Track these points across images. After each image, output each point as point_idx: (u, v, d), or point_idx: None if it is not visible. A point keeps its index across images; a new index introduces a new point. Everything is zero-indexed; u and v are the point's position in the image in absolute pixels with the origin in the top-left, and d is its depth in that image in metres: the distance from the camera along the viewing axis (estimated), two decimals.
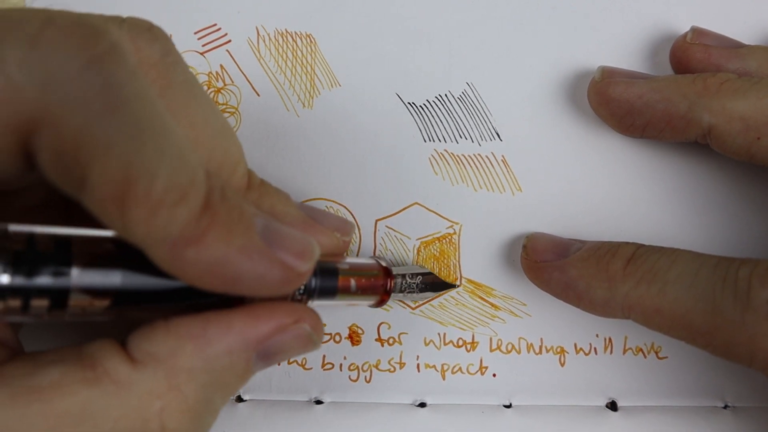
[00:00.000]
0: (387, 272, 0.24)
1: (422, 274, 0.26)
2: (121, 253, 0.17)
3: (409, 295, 0.25)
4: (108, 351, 0.17)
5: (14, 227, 0.16)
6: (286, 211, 0.22)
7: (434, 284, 0.26)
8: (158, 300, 0.18)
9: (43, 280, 0.16)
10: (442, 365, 0.27)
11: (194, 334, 0.18)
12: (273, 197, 0.22)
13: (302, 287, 0.21)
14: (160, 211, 0.15)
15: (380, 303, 0.24)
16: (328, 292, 0.22)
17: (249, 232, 0.17)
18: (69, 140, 0.15)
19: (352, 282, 0.23)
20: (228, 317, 0.18)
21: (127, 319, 0.18)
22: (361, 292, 0.23)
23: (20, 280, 0.16)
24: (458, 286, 0.27)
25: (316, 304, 0.22)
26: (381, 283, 0.24)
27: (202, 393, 0.18)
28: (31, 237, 0.16)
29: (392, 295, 0.24)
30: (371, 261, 0.24)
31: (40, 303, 0.16)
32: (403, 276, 0.25)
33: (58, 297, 0.16)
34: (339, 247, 0.23)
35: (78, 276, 0.16)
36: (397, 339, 0.27)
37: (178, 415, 0.18)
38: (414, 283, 0.25)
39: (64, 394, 0.16)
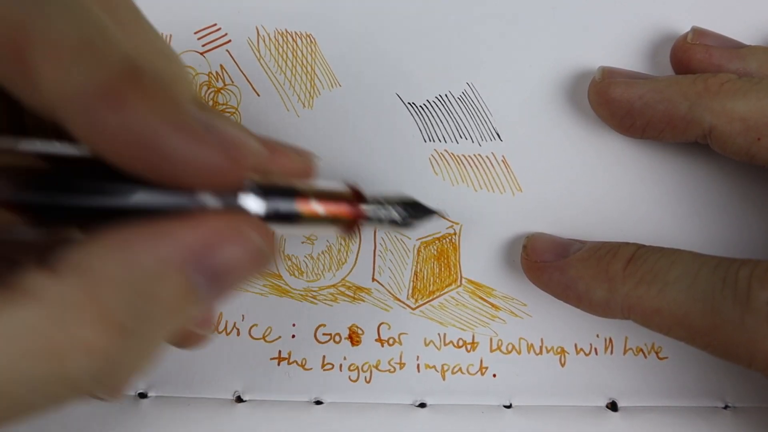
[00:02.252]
0: (357, 194, 0.21)
1: (403, 201, 0.22)
2: (51, 168, 0.16)
3: (386, 223, 0.22)
4: (24, 265, 0.15)
5: None
6: (236, 128, 0.19)
7: (415, 208, 0.23)
8: (87, 216, 0.16)
9: None
10: (443, 365, 0.27)
11: (117, 240, 0.16)
12: (220, 116, 0.20)
13: (253, 203, 0.18)
14: (70, 61, 0.14)
15: (350, 228, 0.21)
16: (286, 215, 0.19)
17: (180, 107, 0.15)
18: None
19: (314, 204, 0.19)
20: (160, 223, 0.16)
21: (57, 238, 0.17)
22: (326, 215, 0.20)
23: None
24: (437, 213, 0.23)
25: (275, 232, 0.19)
26: (350, 204, 0.20)
27: (130, 307, 0.16)
28: None
29: (365, 220, 0.21)
30: (338, 184, 0.21)
31: None
32: (378, 199, 0.22)
33: None
34: (301, 169, 0.21)
35: (7, 189, 0.15)
36: (397, 339, 0.27)
37: (102, 327, 0.15)
38: (392, 206, 0.22)
39: None
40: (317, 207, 0.20)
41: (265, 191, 0.18)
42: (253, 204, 0.18)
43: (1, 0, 0.14)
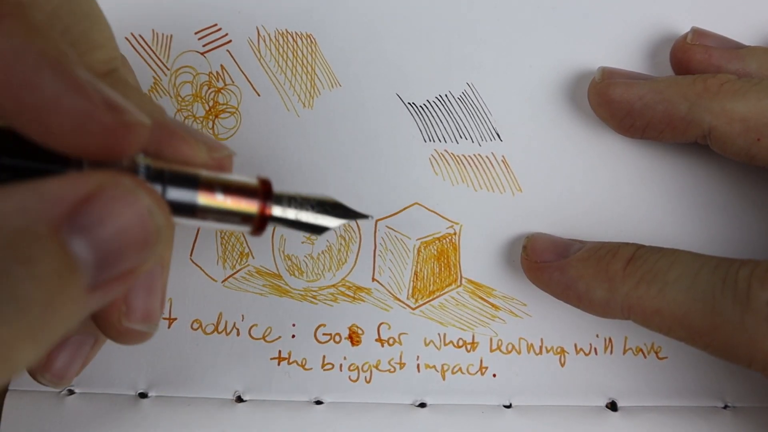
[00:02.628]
0: (266, 187, 0.19)
1: (319, 200, 0.20)
2: None
3: (299, 224, 0.19)
4: None
5: None
6: (147, 108, 0.18)
7: (335, 209, 0.20)
8: None
9: None
10: (443, 365, 0.27)
11: None
12: (135, 93, 0.18)
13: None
14: None
15: (259, 227, 0.19)
16: (187, 207, 0.17)
17: (67, 58, 0.14)
18: None
19: (218, 195, 0.17)
20: (33, 180, 0.14)
21: None
22: (231, 208, 0.18)
23: None
24: (368, 217, 0.22)
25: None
26: (258, 200, 0.18)
27: None
28: None
29: (275, 217, 0.19)
30: (247, 177, 0.19)
31: None
32: (292, 197, 0.19)
33: None
34: (206, 161, 0.19)
35: None
36: (397, 339, 0.27)
37: None
38: (308, 205, 0.19)
39: None
40: (221, 199, 0.17)
41: (160, 175, 0.16)
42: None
43: None
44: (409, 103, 0.28)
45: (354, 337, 0.27)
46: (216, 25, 0.28)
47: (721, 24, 0.27)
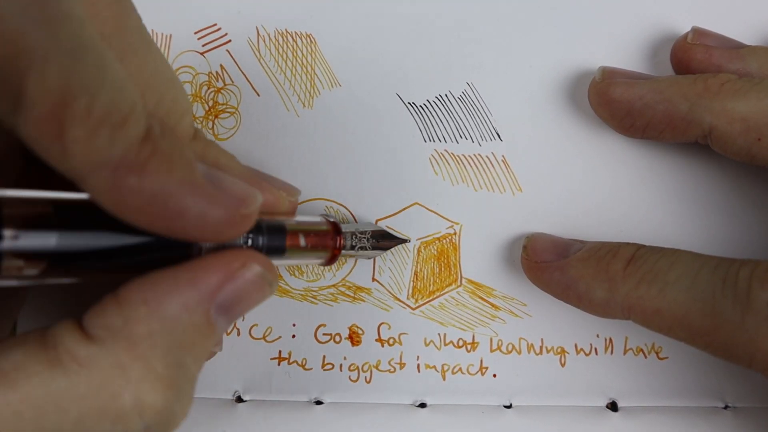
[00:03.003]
0: (336, 228, 0.24)
1: (372, 231, 0.26)
2: (57, 214, 0.17)
3: (361, 251, 0.25)
4: (66, 330, 0.17)
5: None
6: (231, 166, 0.21)
7: (384, 238, 0.26)
8: (97, 261, 0.17)
9: None
10: (443, 366, 0.27)
11: (144, 298, 0.17)
12: (218, 152, 0.21)
13: (250, 241, 0.21)
14: (101, 131, 0.15)
15: (331, 260, 0.24)
16: (277, 249, 0.22)
17: (191, 168, 0.17)
18: (6, 46, 0.15)
19: (301, 238, 0.22)
20: (175, 273, 0.18)
21: (74, 285, 0.18)
22: (311, 248, 0.23)
23: None
24: (408, 240, 0.27)
25: None
26: (330, 239, 0.24)
27: (169, 357, 0.17)
28: None
29: (343, 251, 0.24)
30: (319, 218, 0.24)
31: None
32: (353, 233, 0.25)
33: None
34: (285, 206, 0.23)
35: (10, 238, 0.16)
36: (397, 339, 0.27)
37: (149, 385, 0.17)
38: (364, 238, 0.25)
39: (28, 375, 0.16)
40: (303, 242, 0.22)
41: (259, 227, 0.21)
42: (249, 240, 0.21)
43: (47, 71, 0.15)
44: (409, 103, 0.28)
45: (354, 337, 0.27)
46: (215, 25, 0.28)
47: (721, 24, 0.27)
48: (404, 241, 0.27)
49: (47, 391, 0.16)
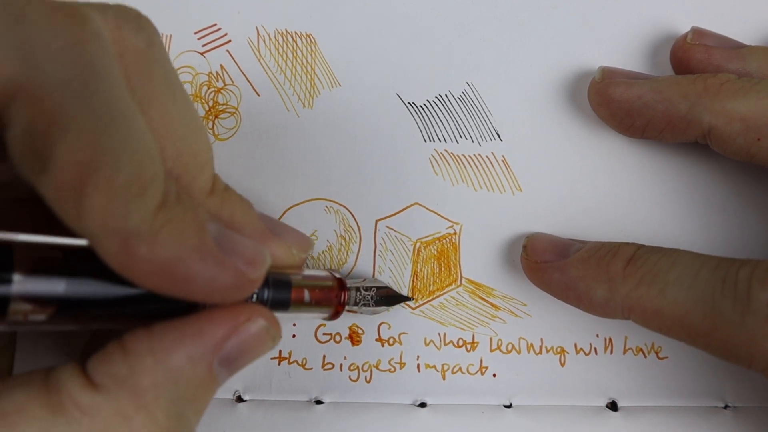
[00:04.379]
0: (341, 284, 0.24)
1: (377, 287, 0.26)
2: (67, 261, 0.17)
3: (364, 308, 0.25)
4: (70, 375, 0.17)
5: None
6: (245, 221, 0.21)
7: (388, 297, 0.26)
8: (106, 309, 0.18)
9: None
10: (443, 365, 0.27)
11: (151, 348, 0.17)
12: (235, 204, 0.21)
13: (255, 296, 0.21)
14: (119, 201, 0.15)
15: (335, 315, 0.24)
16: (282, 303, 0.22)
17: (202, 234, 0.17)
18: (42, 114, 0.15)
19: (306, 294, 0.22)
20: (181, 325, 0.18)
21: (77, 330, 0.18)
22: (315, 303, 0.23)
23: None
24: (412, 299, 0.27)
25: None
26: (335, 295, 0.24)
27: (171, 409, 0.17)
28: None
29: (346, 307, 0.24)
30: (325, 273, 0.24)
31: None
32: (357, 288, 0.25)
33: None
34: (294, 261, 0.23)
35: (19, 283, 0.16)
36: (397, 339, 0.27)
37: None
38: (369, 295, 0.25)
39: (28, 419, 0.16)
40: (308, 297, 0.23)
41: (264, 281, 0.20)
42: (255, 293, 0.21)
43: (77, 142, 0.15)
44: (409, 103, 0.28)
45: (354, 337, 0.27)
46: (215, 24, 0.28)
47: (721, 24, 0.27)
48: (407, 299, 0.27)
49: None
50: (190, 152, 0.20)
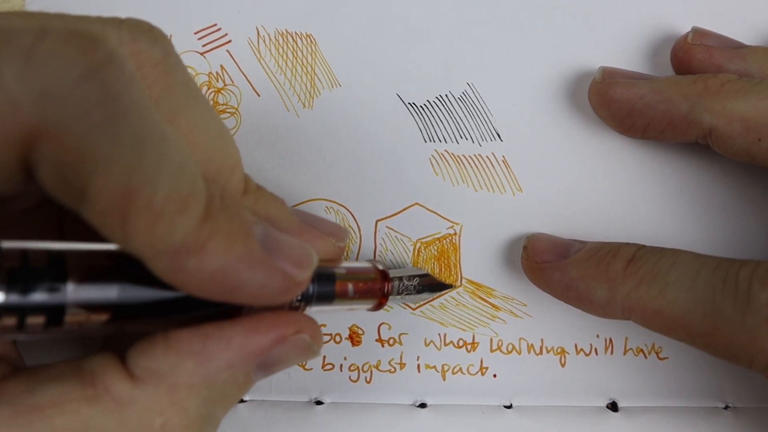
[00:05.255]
0: (384, 275, 0.24)
1: (419, 276, 0.25)
2: (118, 267, 0.17)
3: (407, 297, 0.25)
4: (108, 367, 0.17)
5: (7, 244, 0.16)
6: (282, 218, 0.21)
7: (432, 285, 0.26)
8: (157, 313, 0.18)
9: (38, 296, 0.16)
10: (443, 366, 0.27)
11: (194, 350, 0.18)
12: (269, 202, 0.22)
13: (300, 294, 0.21)
14: (162, 220, 0.15)
15: (378, 306, 0.24)
16: (326, 297, 0.22)
17: (249, 240, 0.17)
18: (69, 152, 0.15)
19: (350, 286, 0.22)
20: (227, 330, 0.18)
21: (126, 331, 0.18)
22: (359, 296, 0.23)
23: (15, 298, 0.15)
24: (457, 286, 0.27)
25: (314, 310, 0.22)
26: (378, 286, 0.24)
27: (203, 408, 0.18)
28: (24, 253, 0.16)
29: (390, 297, 0.24)
30: (368, 264, 0.24)
31: (36, 320, 0.16)
32: (401, 278, 0.25)
33: (54, 313, 0.16)
34: (335, 252, 0.23)
35: (73, 291, 0.16)
36: (397, 339, 0.27)
37: (179, 430, 0.18)
38: (411, 285, 0.25)
39: (65, 412, 0.16)
40: (351, 290, 0.23)
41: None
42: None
43: (110, 172, 0.15)
44: (409, 103, 0.28)
45: (354, 338, 0.27)
46: (216, 25, 0.28)
47: (721, 24, 0.27)
48: (450, 286, 0.27)
49: (84, 427, 0.16)
50: (220, 155, 0.20)
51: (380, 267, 0.24)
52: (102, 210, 0.15)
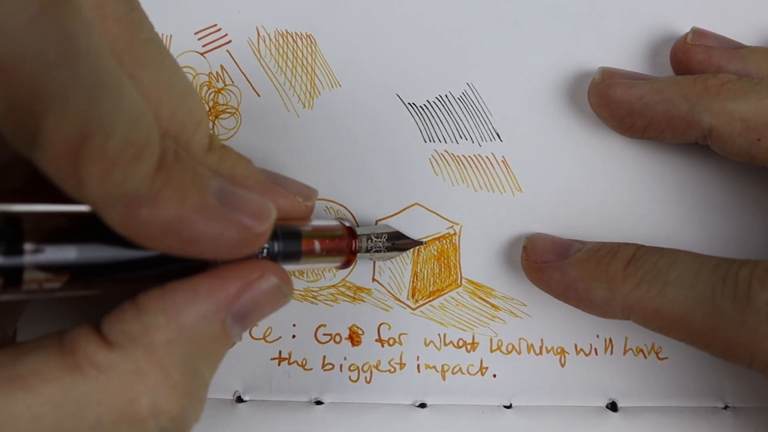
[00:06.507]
0: (351, 232, 0.24)
1: (387, 233, 0.26)
2: (77, 228, 0.17)
3: (376, 254, 0.25)
4: (85, 336, 0.17)
5: None
6: (246, 174, 0.21)
7: (400, 242, 0.26)
8: (118, 272, 0.18)
9: None
10: (443, 366, 0.27)
11: (164, 306, 0.18)
12: (234, 160, 0.22)
13: (265, 250, 0.21)
14: (116, 168, 0.15)
15: (346, 264, 0.24)
16: (293, 255, 0.22)
17: (203, 192, 0.17)
18: (22, 90, 0.15)
19: (316, 244, 0.22)
20: (194, 283, 0.18)
21: (93, 294, 0.18)
22: (326, 253, 0.23)
23: None
24: (423, 243, 0.27)
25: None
26: (346, 243, 0.24)
27: (186, 365, 0.18)
28: None
29: (358, 255, 0.24)
30: (335, 222, 0.24)
31: None
32: (368, 236, 0.25)
33: (12, 274, 0.16)
34: (302, 211, 0.23)
35: (31, 252, 0.16)
36: (397, 340, 0.27)
37: (166, 391, 0.17)
38: (380, 242, 0.25)
39: (46, 380, 0.16)
40: (318, 247, 0.22)
41: (273, 234, 0.21)
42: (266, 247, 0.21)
43: (64, 114, 0.15)
44: (409, 104, 0.28)
45: (354, 338, 0.27)
46: (216, 25, 0.28)
47: (721, 24, 0.27)
48: (419, 243, 0.27)
49: (66, 396, 0.16)
50: (183, 110, 0.20)
51: (347, 224, 0.24)
52: (54, 155, 0.15)
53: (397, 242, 0.26)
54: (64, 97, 0.15)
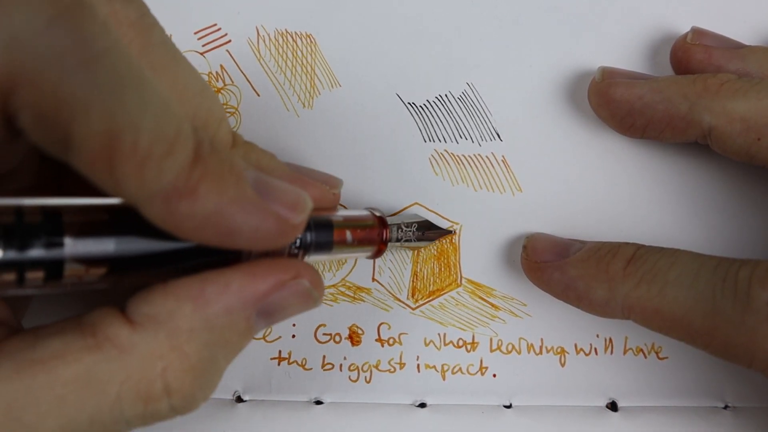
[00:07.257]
0: (382, 222, 0.24)
1: (417, 222, 0.26)
2: (115, 221, 0.17)
3: (406, 243, 0.25)
4: (107, 317, 0.17)
5: (1, 201, 0.16)
6: (273, 166, 0.22)
7: (429, 229, 0.26)
8: (155, 264, 0.18)
9: (36, 252, 0.16)
10: (443, 366, 0.27)
11: (193, 295, 0.18)
12: (259, 155, 0.22)
13: (298, 241, 0.21)
14: (149, 164, 0.15)
15: (378, 253, 0.24)
16: (325, 245, 0.22)
17: (241, 183, 0.17)
18: (47, 99, 0.15)
19: (348, 234, 0.23)
20: (226, 276, 0.18)
21: (126, 286, 0.18)
22: (357, 243, 0.23)
23: (12, 254, 0.16)
24: (453, 232, 0.27)
25: (313, 259, 0.22)
26: (377, 233, 0.24)
27: (204, 352, 0.18)
28: (19, 210, 0.16)
29: (389, 244, 0.24)
30: (365, 212, 0.24)
31: (35, 275, 0.16)
32: (399, 225, 0.25)
33: (53, 268, 0.16)
34: (330, 200, 0.23)
35: (71, 245, 0.16)
36: (397, 339, 0.27)
37: (181, 374, 0.18)
38: (410, 231, 0.25)
39: (68, 362, 0.16)
40: (350, 237, 0.23)
41: (306, 225, 0.20)
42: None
43: (90, 117, 0.15)
44: (409, 103, 0.28)
45: (354, 337, 0.27)
46: (215, 25, 0.28)
47: (721, 24, 0.27)
48: (449, 232, 0.27)
49: (88, 376, 0.17)
50: (203, 110, 0.20)
51: (377, 214, 0.24)
52: (88, 158, 0.15)
53: (428, 232, 0.26)
54: (88, 101, 0.15)
